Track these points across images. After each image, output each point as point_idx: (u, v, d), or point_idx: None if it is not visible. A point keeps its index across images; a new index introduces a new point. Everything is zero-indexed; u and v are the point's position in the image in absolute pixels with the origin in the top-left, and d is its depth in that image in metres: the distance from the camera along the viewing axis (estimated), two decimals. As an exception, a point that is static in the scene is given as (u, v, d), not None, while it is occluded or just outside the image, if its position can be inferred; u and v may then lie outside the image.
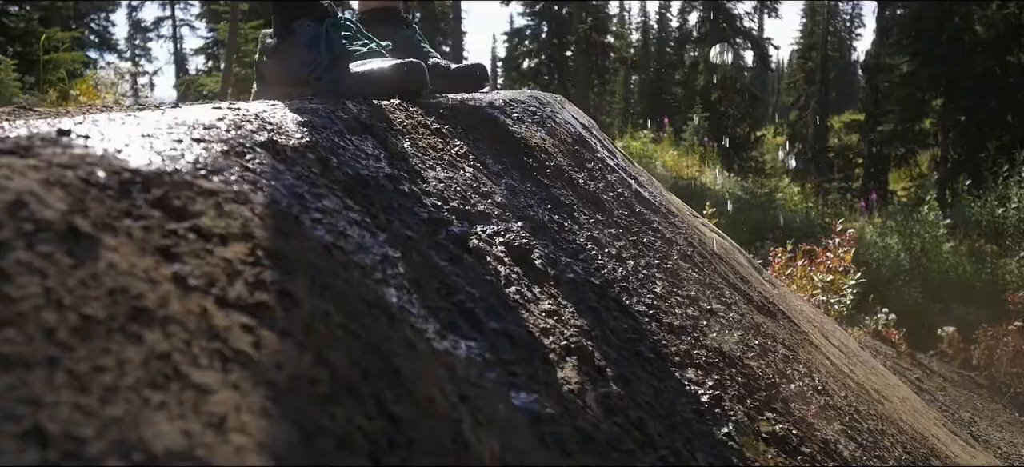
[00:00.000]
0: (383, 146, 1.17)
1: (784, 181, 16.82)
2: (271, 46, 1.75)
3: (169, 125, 0.71)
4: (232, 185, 0.62)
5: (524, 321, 0.98)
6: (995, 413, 3.65)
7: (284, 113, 1.04)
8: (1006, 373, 4.11)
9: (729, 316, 1.74)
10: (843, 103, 34.13)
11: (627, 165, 2.30)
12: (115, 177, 0.53)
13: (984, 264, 12.37)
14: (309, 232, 0.65)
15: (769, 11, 25.51)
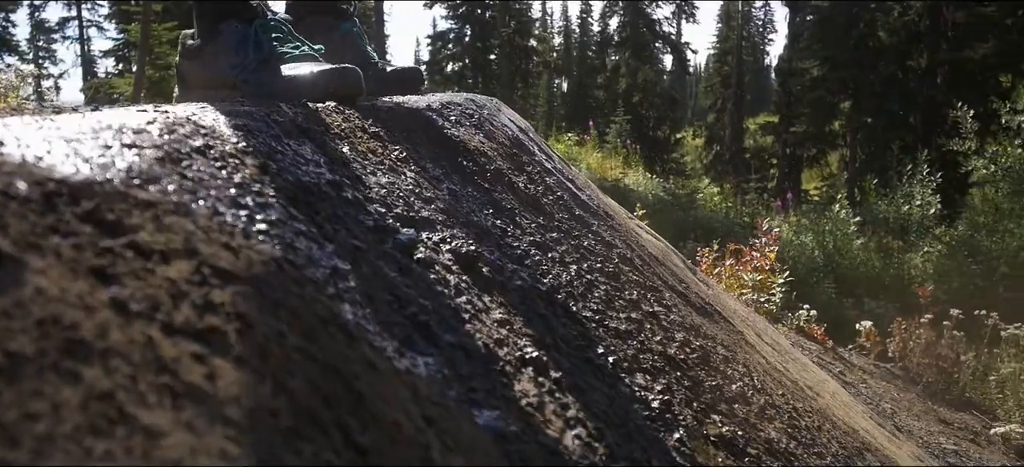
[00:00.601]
0: (322, 151, 1.12)
1: (704, 182, 17.25)
2: (194, 48, 1.65)
3: (93, 129, 0.64)
4: (171, 196, 0.57)
5: (478, 332, 0.94)
6: (911, 403, 3.81)
7: (216, 116, 0.97)
8: (918, 364, 4.29)
9: (670, 318, 1.74)
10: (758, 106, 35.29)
11: (564, 168, 2.28)
12: (38, 188, 0.47)
13: (891, 259, 12.96)
14: (257, 245, 0.60)
15: (687, 16, 26.20)
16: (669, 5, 27.02)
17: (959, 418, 3.91)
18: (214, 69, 1.61)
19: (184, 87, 1.71)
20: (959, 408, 4.12)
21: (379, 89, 1.83)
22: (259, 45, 1.58)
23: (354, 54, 1.93)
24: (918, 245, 12.21)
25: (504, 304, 1.13)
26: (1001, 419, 4.00)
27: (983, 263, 10.80)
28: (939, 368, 4.22)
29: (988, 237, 10.82)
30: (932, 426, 3.31)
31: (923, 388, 4.22)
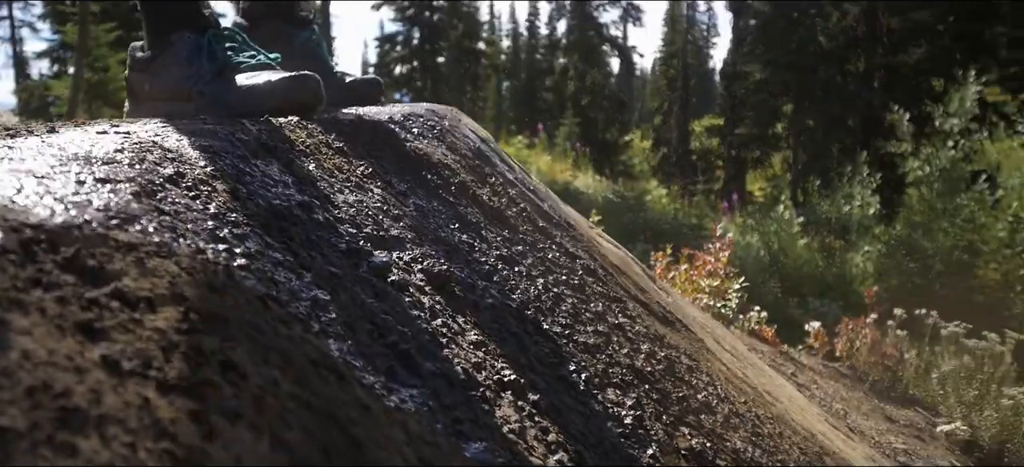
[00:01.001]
0: (289, 170, 1.09)
1: (652, 184, 17.46)
2: (144, 59, 1.59)
3: (61, 161, 0.61)
4: (152, 235, 0.54)
5: (456, 358, 0.92)
6: (859, 401, 3.90)
7: (180, 138, 0.93)
8: (865, 363, 4.41)
9: (635, 329, 1.75)
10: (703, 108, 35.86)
11: (524, 177, 2.28)
12: (15, 237, 0.44)
13: (834, 258, 13.31)
14: (240, 283, 0.57)
15: (633, 20, 26.50)
16: (616, 9, 27.35)
17: (904, 415, 4.02)
18: (166, 81, 1.56)
19: (134, 100, 1.65)
20: (904, 405, 4.24)
21: (340, 99, 1.80)
22: (213, 56, 1.53)
23: (314, 63, 1.89)
24: (859, 245, 12.56)
25: (478, 324, 1.12)
26: (943, 415, 4.13)
27: (920, 261, 11.16)
28: (884, 366, 4.34)
29: (924, 236, 11.18)
30: (880, 424, 3.40)
31: (869, 386, 4.33)
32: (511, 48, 37.06)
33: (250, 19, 1.93)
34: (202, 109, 1.50)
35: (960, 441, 3.56)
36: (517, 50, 36.53)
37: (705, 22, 39.30)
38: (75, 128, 0.97)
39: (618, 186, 16.18)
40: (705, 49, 40.26)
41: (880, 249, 12.05)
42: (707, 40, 39.68)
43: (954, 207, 11.09)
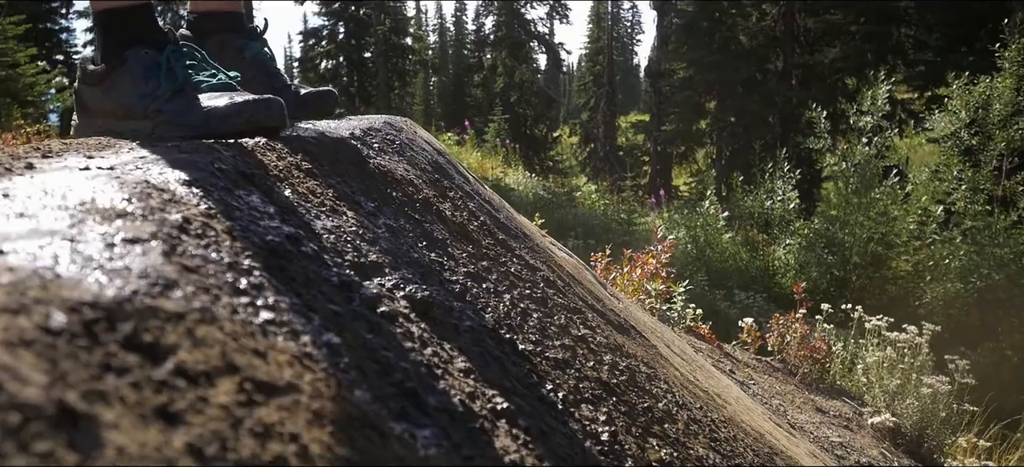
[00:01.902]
0: (269, 198, 1.07)
1: (582, 180, 17.68)
2: (97, 73, 1.53)
3: (74, 215, 0.59)
4: (193, 301, 0.53)
5: (452, 389, 0.93)
6: (792, 395, 4.06)
7: (163, 170, 0.91)
8: (795, 356, 4.58)
9: (597, 340, 1.78)
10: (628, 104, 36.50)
11: (479, 187, 2.28)
12: (75, 317, 0.42)
13: (757, 252, 13.75)
14: (275, 342, 0.57)
15: (560, 17, 26.70)
16: (543, 6, 27.53)
17: (833, 406, 4.20)
18: (120, 98, 1.51)
19: (85, 114, 1.59)
20: (832, 396, 4.43)
21: (294, 114, 1.77)
22: (172, 74, 1.49)
23: (266, 77, 1.85)
24: (780, 238, 13.00)
25: (462, 350, 1.13)
26: (869, 405, 4.33)
27: (838, 254, 11.64)
28: (813, 359, 4.52)
29: (841, 229, 11.65)
30: (814, 417, 3.55)
31: (800, 379, 4.51)
32: (438, 44, 36.93)
33: (197, 32, 1.88)
34: (160, 128, 1.46)
35: (885, 429, 3.75)
36: (444, 46, 36.43)
37: (629, 19, 40.02)
38: (52, 161, 0.93)
39: (549, 183, 16.32)
40: (630, 46, 41.01)
41: (800, 242, 12.48)
42: (632, 37, 40.46)
43: (868, 201, 11.57)
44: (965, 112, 11.57)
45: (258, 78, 1.84)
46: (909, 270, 11.86)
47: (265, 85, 1.84)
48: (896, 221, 11.36)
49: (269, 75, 1.87)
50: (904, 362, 4.39)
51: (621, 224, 14.58)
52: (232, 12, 1.91)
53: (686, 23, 20.32)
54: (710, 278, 11.93)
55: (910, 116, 16.87)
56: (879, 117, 11.47)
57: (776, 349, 4.75)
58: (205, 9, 1.88)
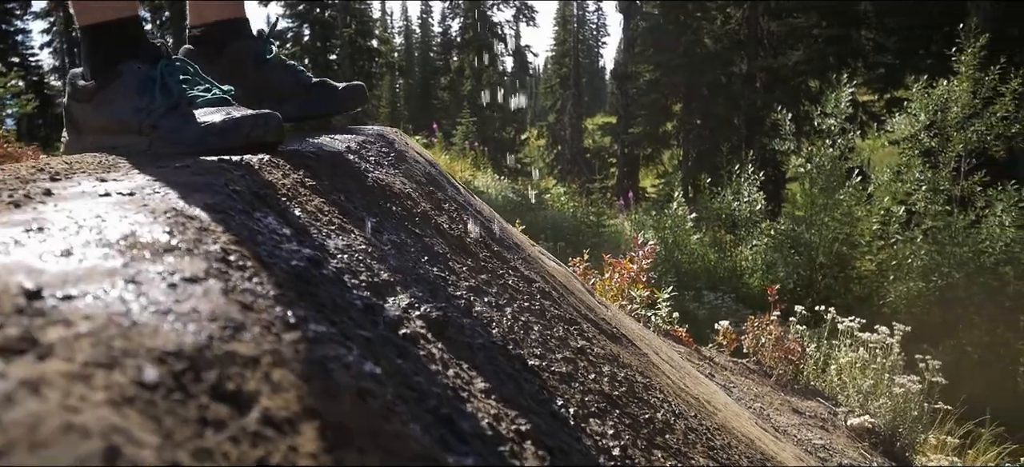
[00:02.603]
0: (284, 220, 1.06)
1: (551, 183, 17.73)
2: (88, 89, 1.50)
3: (123, 251, 0.57)
4: (262, 342, 0.51)
5: (479, 412, 0.93)
6: (770, 397, 4.11)
7: (183, 194, 0.90)
8: (771, 358, 4.64)
9: (595, 351, 1.79)
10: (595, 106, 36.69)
11: (469, 197, 2.28)
12: (165, 369, 0.41)
13: (725, 252, 13.90)
14: (336, 379, 0.56)
15: (527, 20, 26.75)
16: (509, 8, 27.56)
17: (809, 407, 4.26)
18: (113, 113, 1.47)
19: (75, 131, 1.55)
20: (806, 397, 4.49)
21: (331, 106, 1.77)
22: (167, 89, 1.46)
23: (294, 76, 1.83)
24: (747, 239, 13.18)
25: (478, 368, 1.12)
26: (842, 404, 4.41)
27: (804, 254, 11.83)
28: (788, 361, 4.58)
29: (807, 230, 11.84)
30: (792, 419, 3.60)
31: (775, 380, 4.57)
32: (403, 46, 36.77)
33: (210, 42, 1.84)
34: (155, 145, 1.43)
35: (863, 430, 3.82)
36: (410, 48, 36.29)
37: (595, 22, 40.24)
38: (65, 185, 0.91)
39: (518, 185, 16.34)
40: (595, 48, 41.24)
41: (767, 243, 12.65)
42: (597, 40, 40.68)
43: (834, 202, 11.77)
44: (924, 115, 11.83)
45: (286, 80, 1.82)
46: (873, 270, 12.10)
47: (296, 84, 1.82)
48: (860, 222, 11.58)
49: (297, 74, 1.84)
50: (876, 362, 4.47)
51: (591, 226, 14.63)
52: (243, 18, 1.89)
53: (652, 26, 20.50)
54: (679, 279, 12.03)
55: (871, 117, 17.21)
56: (842, 119, 11.70)
57: (751, 351, 4.81)
58: (215, 18, 1.84)
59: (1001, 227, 11.01)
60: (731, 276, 12.90)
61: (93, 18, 1.48)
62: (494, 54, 25.46)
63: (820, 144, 11.90)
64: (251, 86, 1.76)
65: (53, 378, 0.36)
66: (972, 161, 11.99)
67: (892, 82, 17.25)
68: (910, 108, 12.16)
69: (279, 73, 1.82)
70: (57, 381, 0.36)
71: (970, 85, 11.62)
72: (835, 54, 17.41)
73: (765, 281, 12.43)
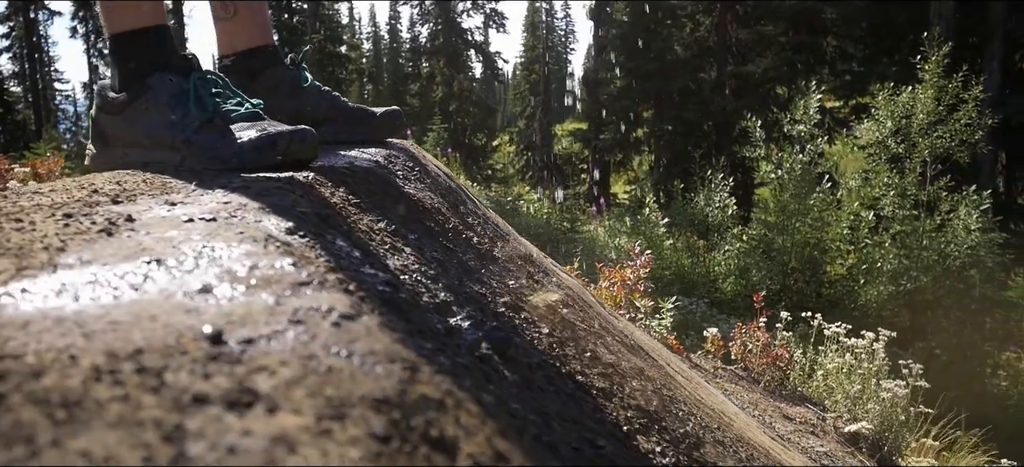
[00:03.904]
0: (350, 241, 1.04)
1: (524, 188, 17.75)
2: (119, 102, 1.46)
3: (255, 283, 0.55)
4: (439, 384, 0.50)
5: (569, 434, 0.92)
6: (761, 403, 4.15)
7: (261, 217, 0.88)
8: (758, 364, 4.68)
9: (623, 366, 1.79)
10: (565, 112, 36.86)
11: (486, 211, 2.27)
12: (385, 418, 0.39)
13: (698, 257, 14.03)
14: (495, 413, 0.55)
15: (497, 26, 26.79)
16: (479, 15, 27.58)
17: (798, 412, 4.31)
18: (146, 128, 1.43)
19: (103, 145, 1.51)
20: (795, 402, 4.54)
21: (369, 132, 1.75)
22: (201, 102, 1.43)
23: (331, 102, 1.81)
24: (719, 244, 13.31)
25: (543, 389, 1.12)
26: (830, 409, 4.47)
27: (776, 259, 11.99)
28: (776, 367, 4.63)
29: (779, 235, 12.00)
30: (787, 425, 3.63)
31: (763, 387, 4.61)
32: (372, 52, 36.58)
33: (244, 71, 1.80)
34: (189, 160, 1.40)
35: (861, 436, 3.87)
36: (378, 54, 36.11)
37: (563, 28, 40.44)
38: (139, 209, 0.88)
39: (492, 191, 16.32)
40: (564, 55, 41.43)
41: (740, 248, 12.78)
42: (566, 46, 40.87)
43: (804, 208, 11.93)
44: (891, 121, 12.07)
45: (322, 105, 1.79)
46: (844, 274, 12.31)
47: (333, 109, 1.80)
48: (830, 227, 11.77)
49: (334, 99, 1.82)
50: (862, 367, 4.54)
51: (565, 232, 14.67)
52: (273, 45, 1.86)
53: (623, 33, 20.65)
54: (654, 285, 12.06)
55: (838, 123, 17.52)
56: (811, 125, 11.88)
57: (739, 357, 4.85)
58: (246, 46, 1.81)
59: (966, 231, 11.25)
60: (704, 281, 13.00)
61: (123, 25, 1.45)
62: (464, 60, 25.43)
63: (789, 150, 12.07)
64: (288, 113, 1.73)
65: (297, 434, 0.34)
66: (937, 166, 12.24)
67: (858, 89, 17.58)
68: (877, 115, 12.39)
69: (315, 98, 1.80)
70: (303, 437, 0.34)
71: (934, 92, 11.87)
72: (803, 61, 17.70)
73: (738, 286, 12.59)
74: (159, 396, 0.37)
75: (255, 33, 1.81)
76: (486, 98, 26.18)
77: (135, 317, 0.49)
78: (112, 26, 1.45)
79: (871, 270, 11.50)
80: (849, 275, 12.20)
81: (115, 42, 1.46)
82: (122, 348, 0.43)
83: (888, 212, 11.87)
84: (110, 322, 0.48)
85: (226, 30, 1.82)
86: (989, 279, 11.77)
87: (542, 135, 27.80)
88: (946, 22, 14.93)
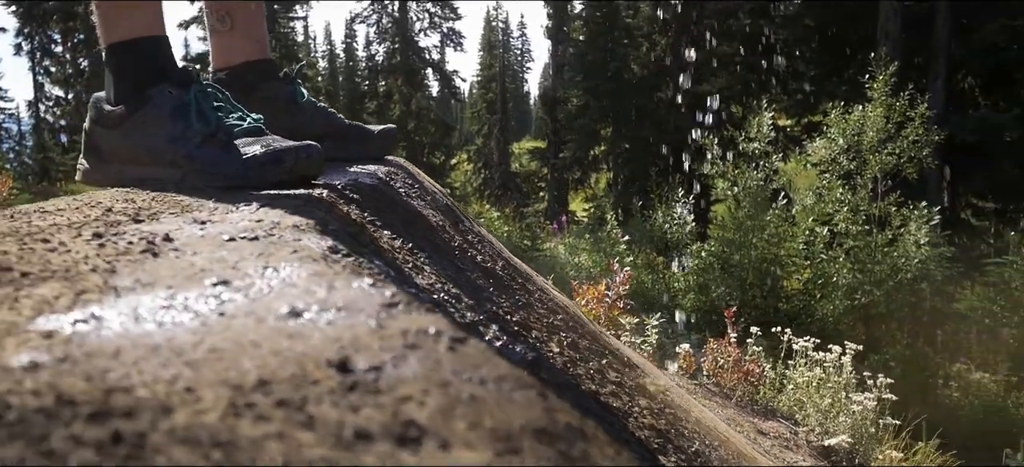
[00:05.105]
0: (382, 260, 1.00)
1: (485, 206, 17.74)
2: (116, 115, 1.39)
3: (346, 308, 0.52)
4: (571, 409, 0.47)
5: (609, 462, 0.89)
6: (735, 418, 4.17)
7: (302, 238, 0.84)
8: (730, 379, 4.72)
9: (628, 384, 1.77)
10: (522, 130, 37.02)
11: (481, 229, 2.24)
12: (554, 450, 0.36)
13: (658, 274, 14.16)
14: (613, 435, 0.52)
15: (454, 45, 26.82)
16: (436, 33, 27.58)
17: (771, 427, 4.34)
18: (144, 142, 1.37)
19: (97, 160, 1.43)
20: (767, 417, 4.58)
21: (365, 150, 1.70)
22: (204, 116, 1.37)
23: (326, 119, 1.76)
24: (680, 260, 13.46)
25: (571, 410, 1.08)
26: (801, 423, 4.52)
27: (734, 274, 12.16)
28: (748, 382, 4.67)
29: (736, 251, 12.17)
30: (764, 441, 3.66)
31: (735, 402, 4.64)
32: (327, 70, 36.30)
33: (240, 85, 1.74)
34: (191, 177, 1.34)
35: (821, 448, 3.92)
36: (334, 73, 35.84)
37: (520, 48, 40.69)
38: (169, 230, 0.83)
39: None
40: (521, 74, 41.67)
41: (698, 264, 12.93)
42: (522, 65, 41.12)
43: (760, 224, 12.13)
44: (842, 139, 12.38)
45: (318, 121, 1.74)
46: (800, 289, 12.54)
47: (329, 126, 1.75)
48: (785, 242, 11.98)
49: (330, 116, 1.77)
50: (831, 381, 4.60)
51: (526, 250, 14.68)
52: (270, 59, 1.80)
53: (580, 53, 20.86)
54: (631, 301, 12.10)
55: (791, 141, 17.91)
56: (765, 143, 12.12)
57: (710, 373, 4.88)
58: (242, 60, 1.75)
59: (916, 245, 11.54)
60: (664, 297, 13.11)
61: (120, 34, 1.39)
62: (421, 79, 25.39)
63: (744, 167, 12.28)
64: (283, 128, 1.69)
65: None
66: (888, 183, 12.56)
67: (809, 107, 18.02)
68: (829, 132, 12.68)
69: (311, 114, 1.76)
70: (494, 476, 0.31)
71: (883, 110, 12.19)
72: (756, 81, 18.08)
73: (698, 302, 12.72)
74: (315, 432, 0.33)
75: (251, 46, 1.76)
76: (444, 117, 26.13)
77: (236, 344, 0.45)
78: (109, 35, 1.39)
79: (826, 285, 11.73)
80: (805, 290, 12.42)
81: (112, 52, 1.40)
82: (241, 379, 0.40)
83: (841, 228, 12.12)
84: (209, 350, 0.44)
85: (222, 42, 1.77)
86: (939, 292, 12.09)
87: (500, 153, 27.86)
88: (893, 43, 15.41)
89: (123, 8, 1.39)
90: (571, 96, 21.38)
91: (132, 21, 1.38)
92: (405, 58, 24.51)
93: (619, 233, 13.63)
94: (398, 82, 24.38)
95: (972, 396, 10.85)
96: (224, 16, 1.73)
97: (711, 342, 4.97)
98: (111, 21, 1.39)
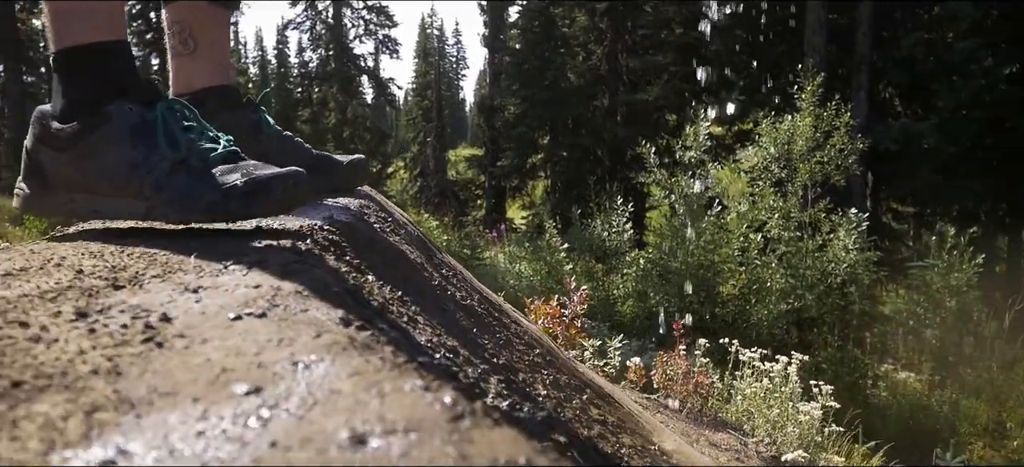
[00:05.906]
0: (386, 320, 0.94)
1: (424, 215, 17.58)
2: (65, 133, 1.20)
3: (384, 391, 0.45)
4: None
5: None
6: (688, 431, 4.19)
7: (309, 303, 0.77)
8: (681, 391, 4.75)
9: (610, 421, 1.74)
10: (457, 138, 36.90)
11: (450, 259, 2.17)
12: None
13: (598, 281, 14.26)
14: None
15: (390, 52, 26.58)
16: (371, 40, 27.23)
17: (721, 438, 4.39)
18: (101, 168, 1.18)
19: (41, 186, 1.24)
20: (716, 428, 4.63)
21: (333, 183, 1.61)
22: (173, 138, 1.19)
23: (292, 149, 1.66)
24: (618, 268, 13.58)
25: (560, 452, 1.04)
26: (750, 434, 4.58)
27: (672, 281, 12.34)
28: (698, 394, 4.71)
29: (672, 258, 12.36)
30: (721, 455, 3.68)
31: (686, 414, 4.67)
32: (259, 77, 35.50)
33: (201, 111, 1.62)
34: (158, 210, 1.17)
35: (769, 457, 3.97)
36: (266, 80, 35.05)
37: (455, 55, 40.61)
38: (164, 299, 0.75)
39: (390, 220, 16.04)
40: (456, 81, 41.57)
41: (637, 271, 13.07)
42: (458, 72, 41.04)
43: (698, 231, 12.35)
44: (773, 147, 12.71)
45: (285, 151, 1.63)
46: (735, 294, 12.80)
47: (296, 157, 1.63)
48: (721, 249, 12.22)
49: (297, 146, 1.67)
50: (778, 391, 4.68)
51: (466, 259, 14.60)
52: (233, 85, 1.68)
53: (517, 61, 20.92)
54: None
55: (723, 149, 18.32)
56: (701, 152, 12.35)
57: (660, 386, 4.90)
58: (205, 85, 1.62)
59: (845, 250, 11.91)
60: (604, 305, 13.20)
61: (74, 38, 1.20)
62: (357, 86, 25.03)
63: (682, 175, 12.49)
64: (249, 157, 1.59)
65: None
66: (817, 190, 12.93)
67: (739, 117, 18.47)
68: (760, 141, 12.99)
69: (277, 143, 1.66)
70: None
71: (811, 119, 12.55)
72: (690, 90, 18.45)
73: (636, 309, 12.84)
74: None
75: (214, 71, 1.65)
76: (379, 124, 25.83)
77: (305, 488, 0.39)
78: (60, 39, 1.20)
79: (761, 290, 12.01)
80: (740, 296, 12.68)
81: (63, 58, 1.21)
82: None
83: (774, 234, 12.43)
84: (277, 502, 0.38)
85: (183, 66, 1.64)
86: (866, 296, 12.50)
87: (436, 161, 27.69)
88: (819, 54, 15.91)
89: (78, 7, 1.20)
90: (508, 104, 21.40)
91: (87, 23, 1.20)
92: (340, 65, 24.12)
93: (559, 241, 13.67)
94: (333, 90, 23.98)
95: (899, 395, 11.23)
96: (187, 39, 1.61)
97: (662, 355, 5.00)
98: (63, 22, 1.20)
